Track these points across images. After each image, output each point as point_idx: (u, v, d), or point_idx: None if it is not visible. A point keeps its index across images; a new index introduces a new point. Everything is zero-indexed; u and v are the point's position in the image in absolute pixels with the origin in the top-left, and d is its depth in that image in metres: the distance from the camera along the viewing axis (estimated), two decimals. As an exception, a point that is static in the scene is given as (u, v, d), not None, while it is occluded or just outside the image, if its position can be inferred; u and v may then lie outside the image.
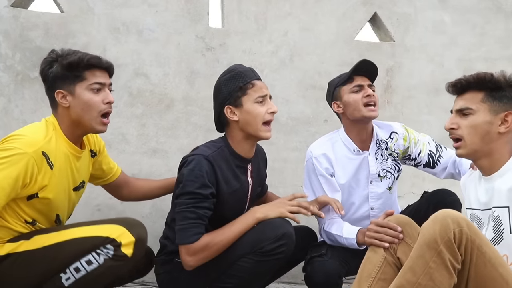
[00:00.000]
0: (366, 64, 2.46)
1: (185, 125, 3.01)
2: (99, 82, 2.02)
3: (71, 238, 1.93)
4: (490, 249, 1.57)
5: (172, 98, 3.00)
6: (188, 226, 2.07)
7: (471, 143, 1.77)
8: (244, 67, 2.26)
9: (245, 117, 2.17)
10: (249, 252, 2.09)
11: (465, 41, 3.45)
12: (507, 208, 1.69)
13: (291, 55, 3.20)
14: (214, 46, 3.07)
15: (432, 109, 3.38)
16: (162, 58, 2.99)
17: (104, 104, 2.02)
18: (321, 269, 2.27)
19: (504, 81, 1.77)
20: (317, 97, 3.16)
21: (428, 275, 1.52)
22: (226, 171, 2.18)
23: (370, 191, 2.50)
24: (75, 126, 2.03)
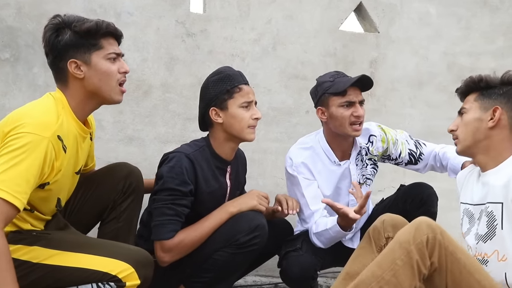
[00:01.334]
0: (363, 79, 2.34)
1: (163, 113, 2.94)
2: (116, 52, 1.90)
3: (74, 266, 1.79)
4: (464, 255, 1.60)
5: (150, 84, 2.92)
6: (165, 222, 2.07)
7: (464, 139, 1.85)
8: (233, 70, 2.26)
9: (229, 121, 2.18)
10: (224, 245, 2.11)
11: (450, 34, 3.43)
12: (500, 204, 1.72)
13: (274, 43, 3.14)
14: (195, 32, 2.99)
15: (415, 102, 3.36)
16: (140, 43, 2.90)
17: (120, 73, 1.91)
18: (296, 263, 2.27)
19: (495, 79, 1.84)
20: (299, 87, 3.12)
21: (393, 271, 1.55)
22: (206, 171, 2.18)
23: (350, 199, 2.46)
24: (88, 100, 1.87)
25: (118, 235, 2.06)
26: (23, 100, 2.68)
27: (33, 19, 2.71)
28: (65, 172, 1.83)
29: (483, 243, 1.76)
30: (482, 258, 1.76)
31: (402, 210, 2.32)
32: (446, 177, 3.23)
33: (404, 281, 1.54)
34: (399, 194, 2.48)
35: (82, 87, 1.85)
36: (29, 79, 2.71)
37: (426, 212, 2.30)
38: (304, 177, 2.37)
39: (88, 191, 2.11)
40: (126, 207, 2.07)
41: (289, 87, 3.15)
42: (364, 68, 3.25)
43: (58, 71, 1.87)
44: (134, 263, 1.79)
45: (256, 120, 2.22)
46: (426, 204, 2.34)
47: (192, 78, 2.96)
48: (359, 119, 2.31)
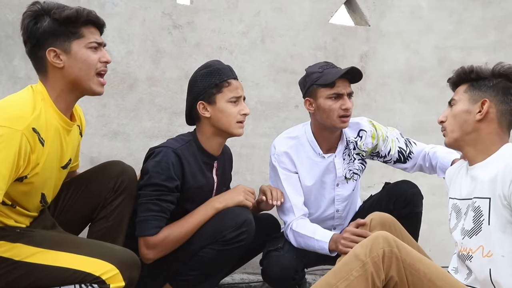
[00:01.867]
0: (353, 71, 2.30)
1: (149, 107, 2.88)
2: (98, 41, 1.84)
3: (56, 265, 1.74)
4: (424, 265, 1.62)
5: (135, 77, 2.85)
6: (150, 218, 2.03)
7: (451, 131, 1.84)
8: (222, 64, 2.23)
9: (217, 115, 2.15)
10: (211, 242, 2.09)
11: (441, 28, 3.41)
12: (488, 199, 1.70)
13: (262, 36, 3.09)
14: (182, 24, 2.93)
15: (405, 97, 3.34)
16: (125, 35, 2.83)
17: (101, 63, 1.85)
18: (276, 263, 2.27)
19: (486, 71, 1.81)
20: (288, 81, 3.08)
21: (348, 281, 1.57)
22: (194, 166, 2.16)
23: (336, 194, 2.44)
24: (69, 90, 1.82)
25: (107, 234, 2.01)
26: (3, 93, 2.61)
27: (13, 9, 2.62)
28: (46, 166, 1.76)
29: (468, 238, 1.75)
30: (466, 253, 1.75)
31: (385, 209, 2.28)
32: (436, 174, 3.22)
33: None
34: (383, 193, 2.46)
35: (62, 77, 1.80)
36: (9, 71, 2.63)
37: (410, 213, 2.32)
38: (284, 168, 2.36)
39: (79, 189, 2.05)
40: (117, 205, 2.02)
41: (278, 81, 3.11)
42: (355, 62, 3.22)
43: (36, 60, 1.81)
44: (119, 264, 1.73)
45: (244, 116, 2.19)
46: (410, 205, 2.32)
47: (178, 71, 2.91)
48: (347, 112, 2.28)
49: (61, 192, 2.00)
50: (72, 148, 1.94)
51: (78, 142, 2.01)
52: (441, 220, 3.19)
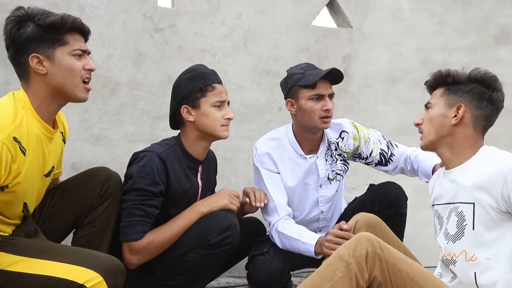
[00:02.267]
0: (333, 72, 2.31)
1: (131, 111, 2.85)
2: (82, 49, 1.82)
3: (39, 274, 1.69)
4: (407, 265, 1.65)
5: (117, 81, 2.82)
6: (134, 223, 2.02)
7: (428, 134, 1.85)
8: (207, 68, 2.23)
9: (201, 119, 2.15)
10: (196, 246, 2.08)
11: (423, 29, 3.43)
12: (472, 205, 1.71)
13: (245, 38, 3.08)
14: (163, 27, 2.91)
15: (388, 99, 3.35)
16: (106, 38, 2.80)
17: (85, 70, 1.83)
18: (262, 267, 2.26)
19: (462, 76, 1.82)
20: (271, 83, 3.07)
21: (332, 281, 1.59)
22: (178, 170, 2.15)
23: (320, 195, 2.44)
24: (52, 97, 1.79)
25: (92, 240, 1.99)
26: (-19, 99, 2.56)
27: (-9, 13, 2.59)
28: (28, 174, 1.73)
29: (452, 243, 1.76)
30: (450, 258, 1.76)
31: (370, 211, 2.28)
32: (420, 174, 3.22)
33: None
34: (368, 195, 2.47)
35: (44, 84, 1.76)
36: (-13, 77, 2.59)
37: (395, 214, 2.32)
38: (266, 168, 2.36)
39: (64, 196, 2.02)
40: (103, 211, 1.99)
41: (261, 83, 3.10)
42: (337, 64, 3.22)
43: (19, 66, 1.78)
44: (103, 271, 1.69)
45: (228, 120, 2.20)
46: (395, 206, 2.32)
47: (161, 75, 2.88)
48: (329, 113, 2.29)
49: (46, 198, 1.97)
50: (55, 156, 1.91)
51: (61, 149, 1.98)
52: (425, 221, 3.20)
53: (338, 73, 2.29)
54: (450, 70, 1.84)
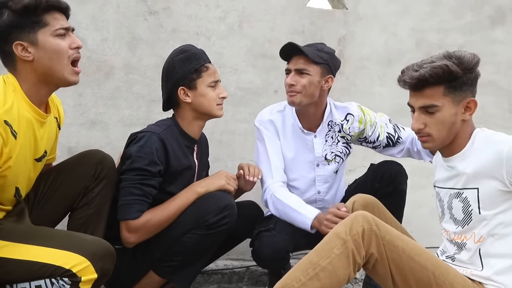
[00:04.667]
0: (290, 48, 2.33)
1: (127, 95, 2.84)
2: (64, 27, 1.75)
3: (24, 259, 1.67)
4: (403, 242, 1.67)
5: (111, 65, 2.81)
6: (132, 202, 2.03)
7: (439, 137, 1.79)
8: (197, 48, 2.24)
9: (198, 100, 2.18)
10: (193, 227, 2.10)
11: (418, 10, 3.40)
12: (476, 190, 1.73)
13: (240, 21, 3.05)
14: (157, 10, 2.88)
15: (384, 80, 3.33)
16: (99, 22, 2.78)
17: (72, 49, 1.77)
18: (268, 244, 2.24)
19: (460, 69, 1.73)
20: (267, 66, 3.06)
21: (329, 259, 1.61)
22: (177, 150, 2.17)
23: (317, 175, 2.45)
24: (42, 83, 1.75)
25: (88, 222, 1.98)
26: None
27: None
28: (19, 159, 1.71)
29: (461, 227, 1.79)
30: (461, 241, 1.79)
31: (371, 188, 2.32)
32: (416, 155, 3.23)
33: (339, 268, 1.60)
34: (368, 173, 2.47)
35: (33, 70, 1.73)
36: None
37: (395, 190, 2.33)
38: (268, 135, 2.41)
39: (58, 179, 2.00)
40: (98, 192, 1.98)
41: (256, 66, 3.07)
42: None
43: (4, 55, 1.74)
44: (90, 255, 1.67)
45: (222, 99, 2.24)
46: (395, 182, 2.33)
47: (156, 58, 2.86)
48: (290, 88, 2.31)
49: (40, 182, 1.95)
50: (48, 141, 1.88)
51: (55, 134, 1.95)
52: (422, 202, 3.23)
53: (293, 47, 2.31)
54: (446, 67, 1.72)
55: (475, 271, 1.74)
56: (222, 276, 2.80)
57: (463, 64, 1.73)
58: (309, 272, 1.60)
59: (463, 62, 1.73)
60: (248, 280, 2.82)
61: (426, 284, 1.64)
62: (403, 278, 1.65)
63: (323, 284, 1.59)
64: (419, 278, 1.64)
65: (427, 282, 1.64)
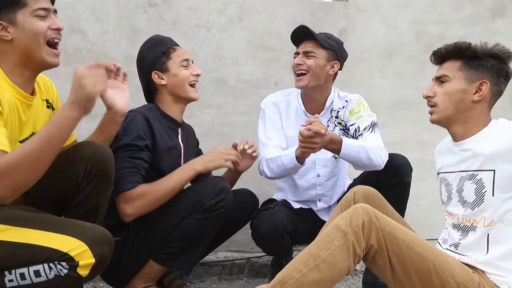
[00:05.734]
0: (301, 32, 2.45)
1: (127, 87, 2.82)
2: (44, 7, 1.76)
3: (21, 242, 1.66)
4: (402, 233, 1.69)
5: (112, 57, 2.80)
6: (124, 174, 2.07)
7: (444, 109, 1.83)
8: (162, 35, 2.37)
9: (173, 80, 2.27)
10: (191, 212, 2.12)
11: (418, 2, 3.40)
12: (492, 172, 1.74)
13: (240, 13, 3.05)
14: (157, 2, 2.89)
15: (384, 72, 3.34)
16: (100, 14, 2.78)
17: (52, 30, 1.77)
18: (266, 221, 2.32)
19: (482, 51, 1.80)
20: (267, 58, 3.06)
21: (330, 250, 1.62)
22: (160, 129, 2.22)
23: (317, 158, 2.50)
24: (23, 64, 1.76)
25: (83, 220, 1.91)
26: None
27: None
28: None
29: (471, 210, 1.79)
30: (470, 224, 1.79)
31: (375, 181, 2.33)
32: (416, 148, 3.25)
33: (339, 260, 1.61)
34: None
35: (12, 50, 1.74)
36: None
37: (399, 182, 2.35)
38: (270, 113, 2.52)
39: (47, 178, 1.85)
40: (90, 190, 1.89)
41: (257, 58, 3.08)
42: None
43: None
44: (89, 240, 1.65)
45: (196, 76, 2.31)
46: (400, 174, 2.35)
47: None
48: (297, 67, 2.43)
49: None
50: (35, 122, 1.85)
51: (44, 116, 1.90)
52: (422, 194, 3.24)
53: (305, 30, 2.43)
54: (470, 44, 1.81)
55: (479, 257, 1.75)
56: (223, 268, 2.81)
57: (489, 49, 1.80)
58: (309, 263, 1.62)
59: (491, 47, 1.80)
60: (249, 271, 2.83)
61: (426, 274, 1.65)
62: (403, 269, 1.66)
63: (323, 275, 1.60)
64: (419, 268, 1.65)
65: (427, 272, 1.65)
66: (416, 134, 3.23)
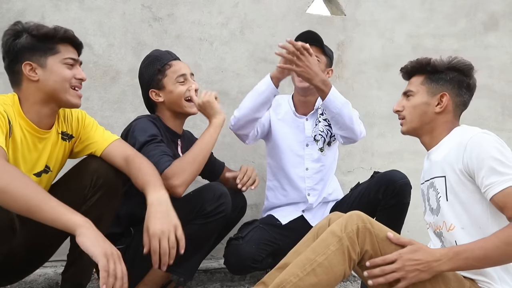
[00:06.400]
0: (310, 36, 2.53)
1: (132, 99, 2.91)
2: (73, 58, 1.91)
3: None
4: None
5: (117, 70, 2.88)
6: (158, 158, 2.09)
7: (411, 121, 1.94)
8: (160, 51, 2.39)
9: (169, 97, 2.32)
10: (192, 217, 2.16)
11: (414, 16, 3.48)
12: (443, 178, 1.81)
13: (241, 27, 3.12)
14: (162, 16, 2.96)
15: (382, 84, 3.41)
16: (106, 28, 2.85)
17: (76, 79, 1.91)
18: (233, 253, 2.41)
19: (441, 64, 1.90)
20: (268, 70, 3.05)
21: (326, 255, 1.66)
22: (163, 137, 2.27)
23: (306, 153, 2.63)
24: (44, 102, 1.87)
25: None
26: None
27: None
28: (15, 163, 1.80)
29: (436, 216, 1.85)
30: (439, 230, 1.84)
31: (374, 199, 2.38)
32: (412, 157, 3.31)
33: (335, 265, 1.65)
34: (372, 182, 2.50)
35: (37, 89, 1.86)
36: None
37: (398, 203, 2.37)
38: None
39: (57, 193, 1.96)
40: (95, 201, 1.96)
41: (258, 70, 3.15)
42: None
43: (13, 74, 1.87)
44: None
45: (194, 92, 2.33)
46: (399, 196, 2.36)
47: (160, 63, 2.93)
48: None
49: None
50: (49, 155, 1.95)
51: (59, 148, 2.00)
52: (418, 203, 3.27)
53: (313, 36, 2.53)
54: (430, 59, 1.91)
55: None
56: (225, 275, 2.83)
57: (448, 62, 1.89)
58: (306, 267, 1.65)
59: (450, 61, 1.89)
60: (250, 278, 2.87)
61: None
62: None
63: (320, 279, 1.63)
64: None
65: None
66: (413, 144, 3.22)
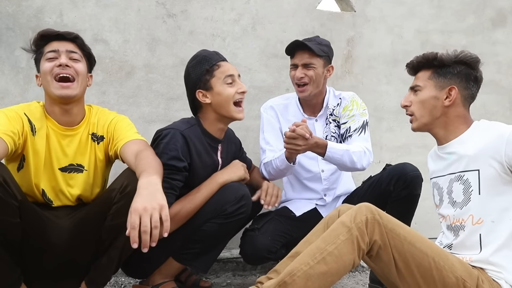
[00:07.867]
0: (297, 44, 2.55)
1: (147, 93, 2.97)
2: (51, 49, 2.05)
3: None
4: (404, 230, 1.77)
5: (132, 65, 2.94)
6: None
7: (420, 116, 1.96)
8: (208, 51, 2.33)
9: (217, 99, 2.26)
10: (213, 216, 2.19)
11: (423, 12, 3.51)
12: (477, 172, 1.82)
13: (253, 23, 3.17)
14: (176, 13, 3.01)
15: (390, 79, 3.44)
16: (122, 24, 2.91)
17: (57, 67, 2.02)
18: (250, 243, 2.42)
19: (448, 58, 1.92)
20: (279, 66, 3.18)
21: (335, 244, 1.70)
22: (199, 147, 2.24)
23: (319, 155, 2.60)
24: (48, 100, 2.07)
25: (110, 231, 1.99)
26: (6, 83, 2.70)
27: (12, 1, 2.70)
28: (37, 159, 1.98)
29: (460, 209, 1.87)
30: (460, 224, 1.87)
31: (385, 190, 2.41)
32: (420, 151, 3.36)
33: (345, 254, 1.69)
34: (384, 174, 2.52)
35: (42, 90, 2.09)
36: (11, 62, 2.72)
37: (409, 195, 2.39)
38: (267, 117, 2.67)
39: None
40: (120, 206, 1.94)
41: (269, 66, 3.19)
42: (342, 46, 3.32)
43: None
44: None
45: (242, 94, 2.31)
46: (410, 187, 2.38)
47: (174, 58, 3.00)
48: (300, 81, 2.56)
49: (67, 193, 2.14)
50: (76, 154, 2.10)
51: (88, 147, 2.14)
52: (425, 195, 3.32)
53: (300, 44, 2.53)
54: (436, 54, 1.93)
55: (473, 256, 1.81)
56: (237, 264, 2.90)
57: (455, 56, 1.91)
58: (316, 256, 1.69)
59: (457, 54, 1.92)
60: (261, 268, 2.91)
61: (427, 269, 1.72)
62: (405, 264, 1.73)
63: (329, 267, 1.68)
64: (420, 264, 1.72)
65: (427, 267, 1.72)
66: (421, 138, 3.30)
